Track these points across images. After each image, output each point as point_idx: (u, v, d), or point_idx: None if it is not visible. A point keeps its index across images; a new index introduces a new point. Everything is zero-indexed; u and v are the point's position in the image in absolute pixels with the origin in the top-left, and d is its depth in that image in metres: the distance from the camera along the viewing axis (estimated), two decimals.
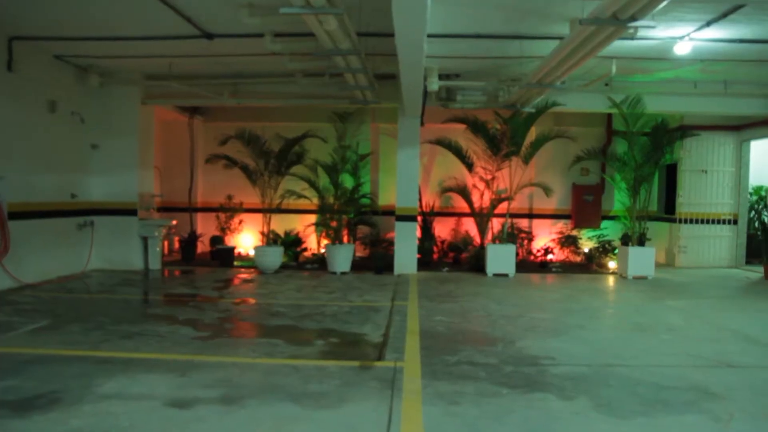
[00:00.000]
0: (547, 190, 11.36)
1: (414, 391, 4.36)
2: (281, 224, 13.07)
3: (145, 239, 11.09)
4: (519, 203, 12.55)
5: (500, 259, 10.71)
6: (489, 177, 11.06)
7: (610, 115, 13.18)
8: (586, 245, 12.82)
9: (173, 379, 4.60)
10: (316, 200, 11.40)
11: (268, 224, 11.10)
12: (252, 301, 8.16)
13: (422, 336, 6.08)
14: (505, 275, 10.69)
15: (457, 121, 10.99)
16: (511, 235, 11.63)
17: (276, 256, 10.86)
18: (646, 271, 10.67)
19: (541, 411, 4.04)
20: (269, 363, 5.09)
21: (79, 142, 10.46)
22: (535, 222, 13.52)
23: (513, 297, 8.60)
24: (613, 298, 8.98)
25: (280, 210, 11.29)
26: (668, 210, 12.98)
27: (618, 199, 13.16)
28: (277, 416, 3.89)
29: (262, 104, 11.45)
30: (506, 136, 10.61)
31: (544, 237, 13.18)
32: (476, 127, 10.74)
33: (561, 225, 13.34)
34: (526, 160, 10.98)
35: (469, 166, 11.56)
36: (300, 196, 11.12)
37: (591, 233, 13.00)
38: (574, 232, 12.93)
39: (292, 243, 12.50)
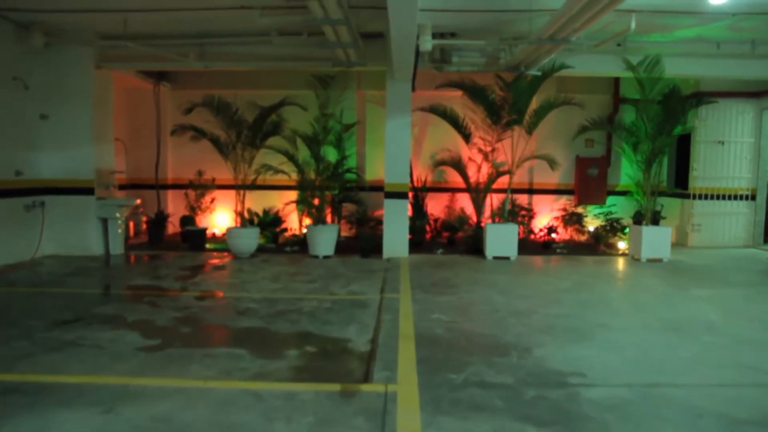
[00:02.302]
0: (552, 163, 10.27)
1: None
2: (259, 202, 11.94)
3: (104, 221, 9.90)
4: (518, 178, 11.41)
5: (501, 240, 9.66)
6: (488, 149, 9.94)
7: (617, 82, 12.08)
8: (592, 223, 11.80)
9: (94, 417, 3.49)
10: (295, 176, 10.21)
11: (242, 203, 9.94)
12: (219, 294, 7.04)
13: (418, 342, 5.01)
14: (506, 258, 9.65)
15: (453, 87, 9.80)
16: (512, 213, 10.55)
17: (251, 239, 9.72)
18: (662, 253, 9.66)
19: None
20: (226, 388, 3.99)
21: (24, 113, 9.18)
22: (536, 198, 12.46)
23: (518, 286, 7.56)
24: (631, 285, 7.96)
25: (255, 186, 10.12)
26: (679, 185, 11.95)
27: (626, 172, 12.11)
28: None
29: (232, 68, 10.18)
30: (508, 103, 9.46)
31: (546, 214, 12.14)
32: (474, 93, 9.57)
33: (564, 201, 12.31)
34: (530, 130, 9.85)
35: (466, 137, 10.42)
36: (277, 171, 9.94)
37: (597, 210, 11.97)
38: (579, 209, 11.89)
39: (270, 223, 11.36)
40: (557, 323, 5.74)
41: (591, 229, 11.73)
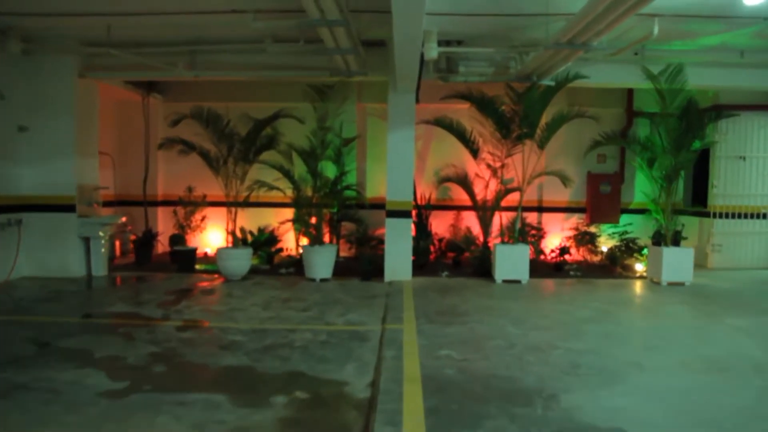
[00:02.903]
0: (564, 180, 9.62)
1: None
2: (254, 220, 11.31)
3: (86, 240, 9.25)
4: (527, 195, 10.71)
5: (511, 261, 8.97)
6: (498, 164, 9.29)
7: (630, 95, 11.48)
8: (605, 244, 11.13)
9: None
10: (290, 192, 9.55)
11: (234, 221, 9.27)
12: (203, 324, 6.35)
13: (426, 387, 4.32)
14: (517, 282, 8.96)
15: (460, 98, 9.17)
16: (522, 233, 9.87)
17: (242, 260, 9.05)
18: (684, 276, 8.98)
19: None
20: None
21: (1, 124, 8.56)
22: (545, 216, 11.81)
23: (533, 315, 6.87)
24: (657, 314, 7.24)
25: (248, 204, 9.47)
26: (697, 202, 11.28)
27: (640, 189, 11.48)
28: None
29: (225, 78, 9.59)
30: (518, 115, 8.84)
31: (556, 234, 11.48)
32: (483, 105, 8.93)
33: (575, 220, 11.66)
34: (542, 145, 9.20)
35: (474, 152, 9.78)
36: (272, 188, 9.29)
37: (611, 229, 11.30)
38: (592, 229, 11.22)
39: (264, 242, 10.71)
40: (583, 361, 5.04)
41: (604, 249, 11.06)
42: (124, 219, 10.08)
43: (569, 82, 8.55)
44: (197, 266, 10.16)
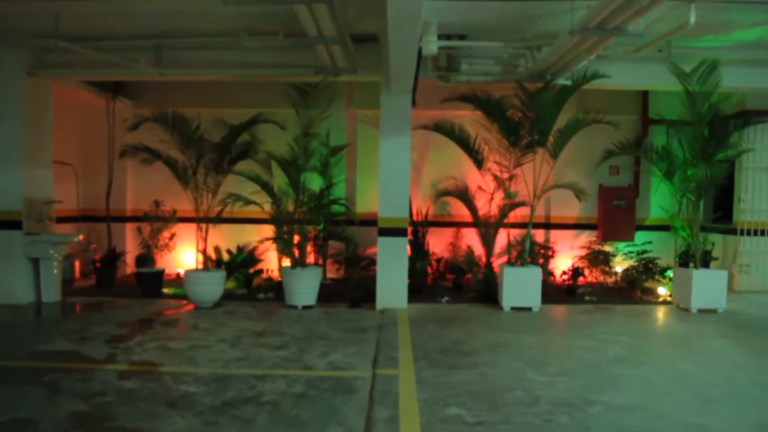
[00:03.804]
0: (579, 193, 8.55)
1: None
2: (233, 237, 10.18)
3: (35, 261, 8.07)
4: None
5: (520, 286, 7.87)
6: (505, 176, 8.22)
7: (645, 100, 10.50)
8: (620, 264, 10.05)
9: None
10: (269, 207, 8.41)
11: (205, 239, 8.13)
12: (155, 368, 5.18)
13: None
14: (528, 309, 7.85)
15: (462, 100, 8.12)
16: (532, 253, 8.75)
17: (213, 285, 7.90)
18: (716, 302, 7.91)
19: None
20: None
21: None
22: (553, 233, 10.72)
23: (555, 354, 5.76)
24: (698, 351, 6.08)
25: (220, 220, 8.32)
26: (719, 218, 10.24)
27: (658, 204, 10.44)
28: None
29: (195, 77, 8.47)
30: (529, 120, 7.78)
31: (566, 253, 10.40)
32: (489, 108, 7.87)
33: (585, 237, 10.59)
34: (555, 153, 8.14)
35: (479, 162, 8.70)
36: (248, 202, 8.17)
37: (627, 248, 10.22)
38: (606, 248, 10.14)
39: (242, 263, 9.54)
40: (631, 425, 3.92)
41: (618, 270, 9.98)
42: (81, 237, 8.91)
43: (588, 82, 7.52)
44: (165, 290, 8.99)
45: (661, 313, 7.95)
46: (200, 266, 8.18)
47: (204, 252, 8.18)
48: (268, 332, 6.47)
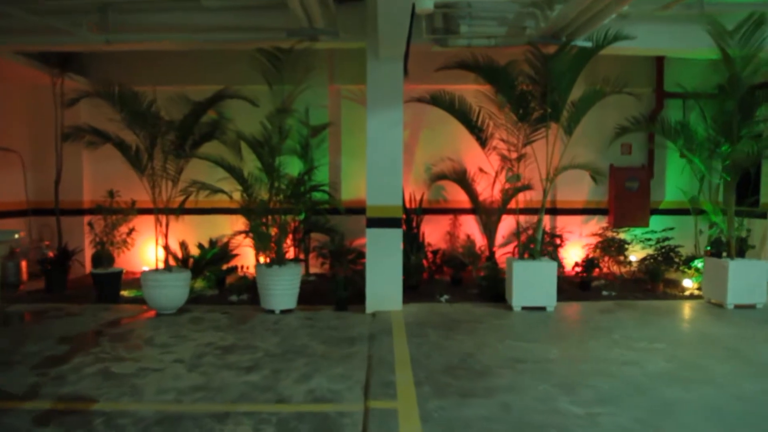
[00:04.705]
0: (596, 175, 7.51)
1: None
2: (203, 230, 9.04)
3: None
4: (537, 195, 8.54)
5: (533, 283, 6.81)
6: (513, 155, 7.12)
7: (661, 71, 9.42)
8: (635, 253, 9.04)
9: None
10: (239, 195, 7.24)
11: (165, 234, 6.98)
12: (87, 406, 4.05)
13: None
14: (541, 309, 6.81)
15: (461, 68, 6.98)
16: (543, 243, 7.67)
17: (176, 288, 6.77)
18: (755, 297, 6.94)
19: None
20: None
21: None
22: (560, 219, 9.67)
23: (587, 370, 4.70)
24: (758, 362, 4.97)
25: (183, 211, 7.17)
26: (743, 200, 9.23)
27: (676, 186, 9.43)
28: None
29: (148, 44, 7.19)
30: (542, 89, 6.67)
31: (574, 241, 9.37)
32: (494, 76, 6.74)
33: (595, 223, 9.58)
34: (569, 129, 7.06)
35: (483, 141, 7.60)
36: (216, 191, 7.02)
37: (645, 235, 9.20)
38: (621, 235, 9.13)
39: (212, 260, 8.40)
40: None
41: (632, 259, 8.98)
42: (23, 233, 7.73)
43: (611, 43, 6.37)
44: (125, 293, 7.86)
45: (692, 309, 6.95)
46: (162, 265, 7.03)
47: (166, 249, 7.04)
48: (238, 347, 5.37)
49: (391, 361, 4.88)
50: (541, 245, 7.15)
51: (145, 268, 8.77)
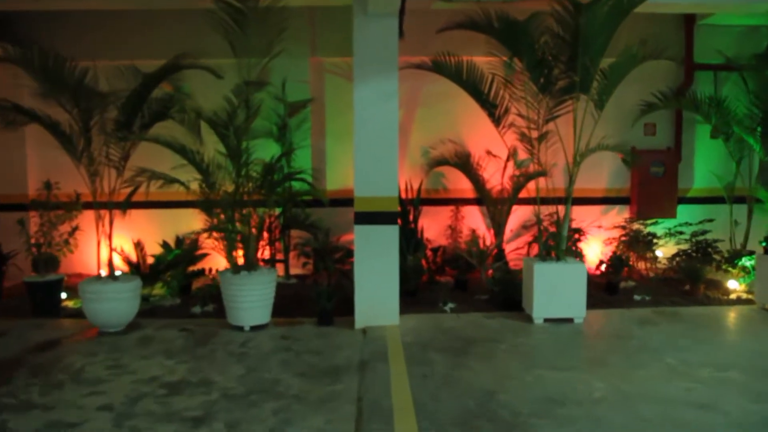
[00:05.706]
0: (628, 157, 6.32)
1: None
2: (172, 225, 7.75)
3: None
4: (549, 182, 7.27)
5: (557, 289, 5.60)
6: (534, 134, 5.88)
7: (689, 39, 8.17)
8: (663, 248, 7.87)
9: None
10: (197, 186, 5.93)
11: (109, 234, 5.70)
12: None
13: None
14: (569, 321, 5.61)
15: (468, 28, 5.71)
16: (569, 242, 6.43)
17: (123, 300, 5.50)
18: None
19: None
20: None
21: None
22: (575, 210, 8.41)
23: (649, 416, 3.51)
24: None
25: (129, 205, 5.88)
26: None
27: (709, 170, 8.26)
28: None
29: (88, 2, 5.89)
30: (568, 52, 5.41)
31: (593, 235, 8.17)
32: (510, 34, 5.46)
33: (615, 214, 8.39)
34: (601, 102, 5.82)
35: (497, 118, 6.35)
36: (169, 180, 5.73)
37: (677, 227, 8.02)
38: (649, 227, 7.95)
39: (175, 262, 7.12)
40: None
41: (659, 254, 7.82)
42: None
43: None
44: (70, 303, 6.60)
45: (748, 319, 5.79)
46: (106, 272, 5.76)
47: (110, 251, 5.77)
48: (188, 384, 4.13)
49: (387, 407, 3.65)
50: (566, 243, 5.92)
51: (102, 273, 7.51)
